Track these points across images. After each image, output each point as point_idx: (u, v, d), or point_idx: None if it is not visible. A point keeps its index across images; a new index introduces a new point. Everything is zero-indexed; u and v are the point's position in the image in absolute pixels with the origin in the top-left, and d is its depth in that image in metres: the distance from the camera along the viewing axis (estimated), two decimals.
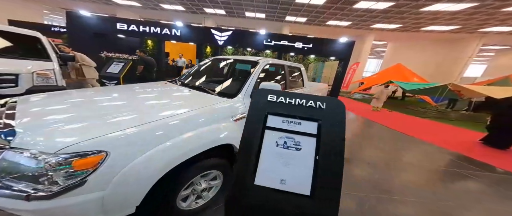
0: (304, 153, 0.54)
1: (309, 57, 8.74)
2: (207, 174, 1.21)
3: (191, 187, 1.15)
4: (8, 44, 2.56)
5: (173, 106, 1.21)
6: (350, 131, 4.23)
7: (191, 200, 1.18)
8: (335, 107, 0.61)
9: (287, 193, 0.51)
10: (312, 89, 3.31)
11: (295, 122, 0.58)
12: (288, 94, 0.63)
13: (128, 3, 9.88)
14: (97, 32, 6.37)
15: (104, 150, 0.69)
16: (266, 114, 0.60)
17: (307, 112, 0.59)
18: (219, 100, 1.37)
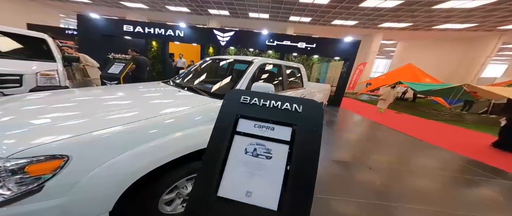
0: (274, 162, 0.48)
1: (312, 57, 8.55)
2: (191, 178, 1.16)
3: (176, 190, 1.11)
4: (15, 45, 2.67)
5: (156, 108, 1.16)
6: (354, 133, 4.06)
7: (177, 204, 1.14)
8: (313, 110, 0.55)
9: (253, 207, 0.45)
10: (313, 89, 3.20)
11: (268, 126, 0.53)
12: (263, 95, 0.57)
13: (137, 5, 10.21)
14: (105, 34, 6.62)
15: (65, 155, 0.66)
16: (237, 117, 0.55)
17: (282, 115, 0.53)
18: (208, 101, 1.33)
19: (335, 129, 4.18)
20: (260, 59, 1.90)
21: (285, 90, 2.26)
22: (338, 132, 3.96)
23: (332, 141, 3.29)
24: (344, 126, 4.50)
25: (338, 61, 7.69)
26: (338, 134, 3.76)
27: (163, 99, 1.44)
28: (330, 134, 3.71)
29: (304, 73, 2.91)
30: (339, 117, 5.55)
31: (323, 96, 3.73)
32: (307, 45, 6.65)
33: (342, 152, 2.83)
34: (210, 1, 8.59)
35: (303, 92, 2.72)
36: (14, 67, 2.31)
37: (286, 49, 6.73)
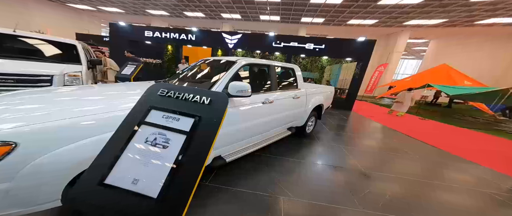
0: (168, 152, 0.49)
1: (321, 59, 8.17)
2: None
3: None
4: (51, 50, 3.21)
5: (117, 105, 1.14)
6: (365, 140, 3.71)
7: None
8: (218, 103, 0.54)
9: (135, 195, 0.46)
10: (311, 91, 3.06)
11: (174, 118, 0.54)
12: (179, 89, 0.59)
13: (159, 12, 11.32)
14: (131, 39, 7.48)
15: (13, 141, 0.69)
16: (148, 108, 0.57)
17: (189, 107, 0.54)
18: None
19: (340, 135, 3.89)
20: (243, 59, 1.91)
21: (274, 91, 2.22)
22: (341, 138, 3.67)
23: (330, 149, 3.07)
24: (349, 132, 4.16)
25: (351, 62, 7.20)
26: (340, 140, 3.49)
27: (133, 96, 1.42)
28: (331, 140, 3.47)
29: (299, 74, 2.81)
30: (348, 122, 5.15)
31: (324, 99, 3.52)
32: (316, 46, 6.40)
33: (334, 161, 2.62)
34: (222, 6, 8.99)
35: (297, 93, 2.63)
36: (47, 69, 2.75)
37: (293, 51, 6.60)
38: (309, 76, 8.41)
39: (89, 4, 11.12)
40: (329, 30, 11.49)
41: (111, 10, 11.77)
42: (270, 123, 2.19)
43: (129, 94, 1.47)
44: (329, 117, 5.35)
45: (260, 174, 2.00)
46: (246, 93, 1.49)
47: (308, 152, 2.77)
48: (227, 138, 1.65)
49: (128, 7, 10.78)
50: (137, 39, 7.32)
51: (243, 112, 1.74)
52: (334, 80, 8.73)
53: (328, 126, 4.37)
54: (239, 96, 1.49)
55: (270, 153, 2.52)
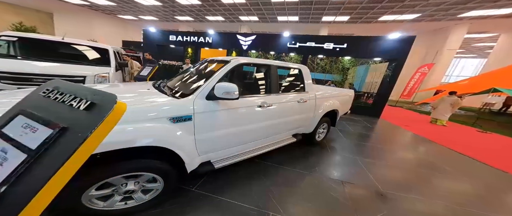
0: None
1: (342, 60, 7.27)
2: (137, 175, 1.15)
3: (111, 187, 1.10)
4: (87, 53, 3.72)
5: None
6: (392, 152, 3.09)
7: (113, 201, 1.14)
8: (100, 109, 0.37)
9: None
10: (322, 94, 2.65)
11: (32, 127, 0.39)
12: (67, 87, 0.44)
13: (185, 18, 12.33)
14: (158, 44, 8.31)
15: None
16: (17, 113, 0.44)
17: (59, 113, 0.39)
18: (158, 100, 1.28)
19: (359, 144, 3.33)
20: (238, 59, 1.74)
21: (274, 94, 1.97)
22: (359, 148, 3.12)
23: (343, 160, 2.61)
24: (371, 142, 3.48)
25: (380, 63, 6.19)
26: (357, 151, 2.96)
27: (120, 95, 1.40)
28: (346, 150, 2.98)
29: (307, 75, 2.47)
30: (373, 130, 4.39)
31: (340, 103, 3.04)
32: (336, 45, 5.74)
33: (344, 175, 2.15)
34: (240, 9, 9.11)
35: (303, 97, 2.30)
36: (81, 71, 3.14)
37: (309, 51, 6.10)
38: (328, 79, 7.64)
39: (132, 14, 12.95)
40: (355, 28, 10.32)
41: (148, 18, 13.44)
42: (269, 128, 1.96)
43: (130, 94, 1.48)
44: (350, 123, 4.72)
45: (253, 183, 1.82)
46: (233, 95, 1.34)
47: (314, 162, 2.43)
48: (216, 142, 1.53)
49: (160, 14, 12.10)
50: (162, 43, 8.07)
51: (235, 115, 1.59)
52: (358, 83, 7.69)
53: (346, 134, 3.82)
54: (225, 98, 1.34)
55: (270, 160, 2.30)
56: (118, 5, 11.00)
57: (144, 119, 1.07)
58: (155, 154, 1.17)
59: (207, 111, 1.37)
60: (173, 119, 1.18)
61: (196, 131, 1.31)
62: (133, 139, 1.01)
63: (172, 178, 1.27)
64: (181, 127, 1.22)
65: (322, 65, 7.86)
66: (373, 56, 5.76)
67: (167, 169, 1.21)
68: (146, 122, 1.07)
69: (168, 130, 1.15)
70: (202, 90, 1.38)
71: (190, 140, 1.29)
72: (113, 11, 12.74)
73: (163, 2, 9.45)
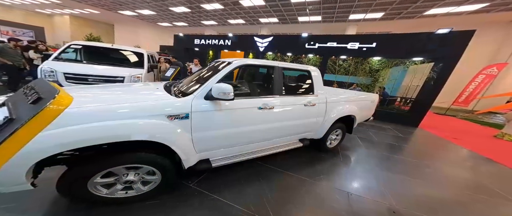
0: None
1: (370, 60, 6.50)
2: (138, 167, 1.26)
3: (114, 176, 1.22)
4: (126, 57, 4.41)
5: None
6: (424, 167, 2.62)
7: (115, 189, 1.26)
8: (40, 102, 0.44)
9: None
10: (335, 98, 2.47)
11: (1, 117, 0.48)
12: (39, 83, 0.53)
13: (210, 23, 13.24)
14: (186, 47, 9.18)
15: None
16: (1, 104, 0.54)
17: (18, 107, 0.48)
18: (163, 99, 1.37)
19: (381, 156, 2.91)
20: (240, 60, 1.79)
21: (278, 96, 1.95)
22: (381, 160, 2.72)
23: (356, 170, 2.35)
24: (398, 154, 3.02)
25: (422, 63, 5.31)
26: (377, 163, 2.59)
27: (128, 94, 1.51)
28: (363, 160, 2.67)
29: (317, 77, 2.35)
30: (405, 141, 3.78)
31: (359, 108, 2.77)
32: (362, 45, 5.20)
33: (354, 186, 1.93)
34: (260, 11, 9.23)
35: (311, 100, 2.20)
36: (121, 72, 3.68)
37: (330, 52, 5.71)
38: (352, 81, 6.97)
39: (168, 21, 14.64)
40: (394, 25, 9.09)
41: (180, 24, 14.98)
42: (270, 131, 1.95)
43: (138, 93, 1.65)
44: (375, 131, 4.23)
45: (250, 185, 1.82)
46: (228, 96, 1.38)
47: (321, 169, 2.28)
48: (215, 141, 1.59)
49: (189, 20, 13.30)
50: (188, 47, 8.87)
51: (234, 116, 1.62)
52: (391, 86, 6.76)
53: (367, 143, 3.45)
54: (221, 99, 1.39)
55: (273, 164, 2.26)
56: (158, 14, 12.60)
57: (142, 115, 1.17)
58: (154, 148, 1.26)
59: (205, 111, 1.43)
60: (170, 117, 1.27)
61: (193, 129, 1.38)
62: (128, 134, 1.10)
63: (169, 172, 1.37)
64: (178, 125, 1.31)
65: (345, 67, 7.25)
66: (411, 56, 4.99)
67: (164, 163, 1.30)
68: (144, 118, 1.17)
69: (164, 127, 1.23)
70: (201, 91, 1.45)
71: (187, 138, 1.37)
72: (154, 20, 14.66)
73: (191, 9, 10.37)
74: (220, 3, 8.66)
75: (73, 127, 0.95)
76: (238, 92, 2.39)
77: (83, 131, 0.98)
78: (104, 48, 4.19)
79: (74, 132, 0.95)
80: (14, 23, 12.13)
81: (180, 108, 1.33)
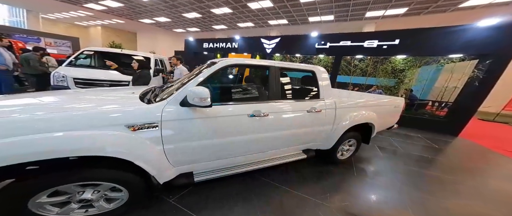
0: None
1: (392, 59, 5.76)
2: (96, 184, 1.08)
3: (66, 195, 1.05)
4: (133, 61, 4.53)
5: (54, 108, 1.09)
6: (463, 185, 2.04)
7: (70, 208, 1.09)
8: None
9: None
10: (345, 103, 2.10)
11: None
12: None
13: (220, 27, 13.53)
14: (195, 51, 9.42)
15: None
16: None
17: None
18: (124, 105, 1.22)
19: (407, 170, 2.36)
20: (226, 60, 1.56)
21: (274, 101, 1.67)
22: (405, 175, 2.19)
23: (370, 186, 1.91)
24: (430, 169, 2.44)
25: (462, 61, 4.52)
26: (401, 178, 2.08)
27: (89, 101, 1.35)
28: (382, 174, 2.20)
29: (324, 79, 2.00)
30: (439, 153, 3.15)
31: (378, 115, 2.34)
32: (382, 42, 4.61)
33: (365, 206, 1.53)
34: (268, 13, 9.04)
35: (316, 105, 1.87)
36: (126, 77, 3.72)
37: (344, 51, 5.20)
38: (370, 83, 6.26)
39: (182, 27, 15.43)
40: (420, 21, 8.09)
41: (193, 29, 15.65)
42: (265, 142, 1.67)
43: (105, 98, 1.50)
44: (400, 140, 3.65)
45: (239, 203, 1.55)
46: (204, 102, 1.15)
47: (328, 186, 1.92)
48: (196, 153, 1.36)
49: (201, 25, 13.77)
50: (197, 51, 9.07)
51: (218, 125, 1.38)
52: (420, 88, 5.86)
53: (390, 154, 2.95)
54: (197, 105, 1.17)
55: (272, 177, 1.97)
56: (172, 21, 13.32)
57: (93, 125, 0.99)
58: (115, 162, 1.05)
59: (181, 119, 1.22)
60: (132, 127, 1.08)
61: (165, 140, 1.19)
62: (58, 149, 0.89)
63: (137, 188, 1.18)
64: (144, 135, 1.12)
65: (362, 67, 6.58)
66: (448, 52, 4.26)
67: (129, 179, 1.12)
68: (92, 129, 0.98)
69: (120, 139, 1.03)
70: (176, 96, 1.24)
71: (156, 150, 1.17)
72: (169, 26, 15.56)
73: (202, 14, 10.69)
74: (229, 7, 8.71)
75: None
76: (240, 97, 2.18)
77: (8, 146, 0.80)
78: (114, 54, 4.38)
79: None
80: (55, 34, 13.96)
81: (145, 116, 1.13)
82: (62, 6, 11.44)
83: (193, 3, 8.75)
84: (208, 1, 8.16)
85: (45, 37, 12.61)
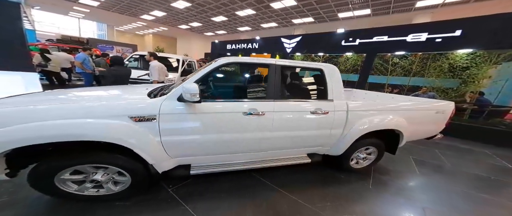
0: None
1: (449, 55, 4.50)
2: (106, 167, 1.25)
3: (83, 174, 1.24)
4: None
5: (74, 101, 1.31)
6: None
7: (85, 187, 1.28)
8: None
9: None
10: (364, 106, 1.85)
11: None
12: None
13: (245, 28, 13.98)
14: (220, 53, 10.06)
15: None
16: None
17: None
18: (135, 99, 1.39)
19: (450, 189, 1.87)
20: (226, 58, 1.59)
21: (273, 100, 1.60)
22: (448, 195, 1.71)
23: (387, 203, 1.58)
24: (488, 192, 1.84)
25: None
26: (436, 197, 1.65)
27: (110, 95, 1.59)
28: (408, 189, 1.80)
29: (334, 78, 1.80)
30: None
31: (408, 121, 1.98)
32: (434, 35, 3.73)
33: None
34: (292, 12, 8.70)
35: (323, 106, 1.70)
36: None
37: (378, 48, 4.48)
38: (416, 84, 5.11)
39: (211, 31, 16.80)
40: (499, 5, 6.12)
41: (221, 32, 16.79)
42: (261, 142, 1.62)
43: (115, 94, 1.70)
44: (454, 154, 2.95)
45: (231, 201, 1.56)
46: (193, 98, 1.21)
47: (331, 194, 1.73)
48: (191, 147, 1.44)
49: (227, 28, 14.62)
50: (222, 52, 9.65)
51: (209, 121, 1.42)
52: (496, 91, 4.37)
53: (430, 169, 2.41)
54: (189, 100, 1.24)
55: (271, 178, 1.90)
56: (203, 25, 14.67)
57: (104, 115, 1.16)
58: (123, 150, 1.19)
59: (177, 113, 1.31)
60: (134, 118, 1.22)
61: (162, 132, 1.29)
62: (77, 133, 1.08)
63: (139, 174, 1.32)
64: (144, 127, 1.24)
65: (404, 65, 5.46)
66: None
67: (130, 165, 1.26)
68: (105, 118, 1.15)
69: (123, 128, 1.17)
70: (175, 91, 1.34)
71: (155, 141, 1.28)
72: (201, 31, 17.19)
73: (228, 17, 11.31)
74: (252, 8, 8.88)
75: (16, 126, 1.00)
76: (241, 95, 2.17)
77: (24, 130, 1.01)
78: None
79: (14, 131, 1.00)
80: (121, 43, 17.64)
81: (145, 109, 1.26)
82: (128, 19, 14.29)
83: (220, 7, 9.36)
84: (233, 4, 8.56)
85: (116, 45, 16.11)
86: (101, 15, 13.59)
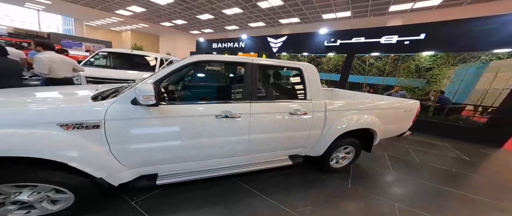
0: None
1: (416, 57, 4.91)
2: (32, 186, 1.01)
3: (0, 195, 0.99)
4: (142, 61, 4.83)
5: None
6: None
7: (6, 209, 1.03)
8: None
9: None
10: (340, 104, 1.84)
11: None
12: None
13: (232, 27, 13.74)
14: (205, 52, 9.71)
15: None
16: None
17: None
18: (61, 102, 1.18)
19: (416, 186, 1.95)
20: (195, 56, 1.45)
21: (248, 101, 1.50)
22: (416, 190, 1.77)
23: (361, 200, 1.58)
24: (449, 185, 1.92)
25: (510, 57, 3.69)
26: (401, 193, 1.68)
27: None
28: (383, 186, 1.82)
29: (313, 78, 1.77)
30: (474, 168, 2.54)
31: (381, 120, 2.01)
32: (403, 37, 4.00)
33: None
34: (279, 12, 8.78)
35: (302, 107, 1.66)
36: (133, 76, 3.88)
37: (356, 49, 4.69)
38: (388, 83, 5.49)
39: (197, 29, 16.18)
40: (462, 11, 6.85)
41: (207, 31, 16.27)
42: (238, 145, 1.51)
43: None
44: (421, 149, 3.14)
45: (202, 210, 1.42)
46: (148, 100, 1.04)
47: (312, 197, 1.69)
48: (153, 154, 1.27)
49: (214, 26, 14.21)
50: (207, 51, 9.33)
51: (178, 125, 1.27)
52: (454, 90, 4.87)
53: (402, 165, 2.52)
54: (144, 104, 1.06)
55: (251, 183, 1.80)
56: (188, 23, 14.06)
57: (20, 123, 0.92)
58: (52, 164, 0.96)
59: (129, 118, 1.13)
60: (66, 126, 1.00)
61: (110, 140, 1.10)
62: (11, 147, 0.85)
63: (83, 190, 1.11)
64: (82, 135, 1.04)
65: (378, 66, 5.83)
66: (491, 47, 3.49)
67: (74, 181, 1.05)
68: (22, 127, 0.92)
69: (54, 138, 0.96)
70: (127, 93, 1.15)
71: (101, 151, 1.10)
72: (186, 29, 16.46)
73: (214, 16, 10.98)
74: (239, 7, 8.73)
75: None
76: (214, 96, 2.02)
77: None
78: (126, 54, 4.74)
79: None
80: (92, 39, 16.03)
81: (81, 115, 1.04)
82: (99, 14, 13.02)
83: (205, 5, 9.03)
84: (219, 2, 8.31)
85: (85, 41, 14.55)
86: (66, 8, 12.08)
